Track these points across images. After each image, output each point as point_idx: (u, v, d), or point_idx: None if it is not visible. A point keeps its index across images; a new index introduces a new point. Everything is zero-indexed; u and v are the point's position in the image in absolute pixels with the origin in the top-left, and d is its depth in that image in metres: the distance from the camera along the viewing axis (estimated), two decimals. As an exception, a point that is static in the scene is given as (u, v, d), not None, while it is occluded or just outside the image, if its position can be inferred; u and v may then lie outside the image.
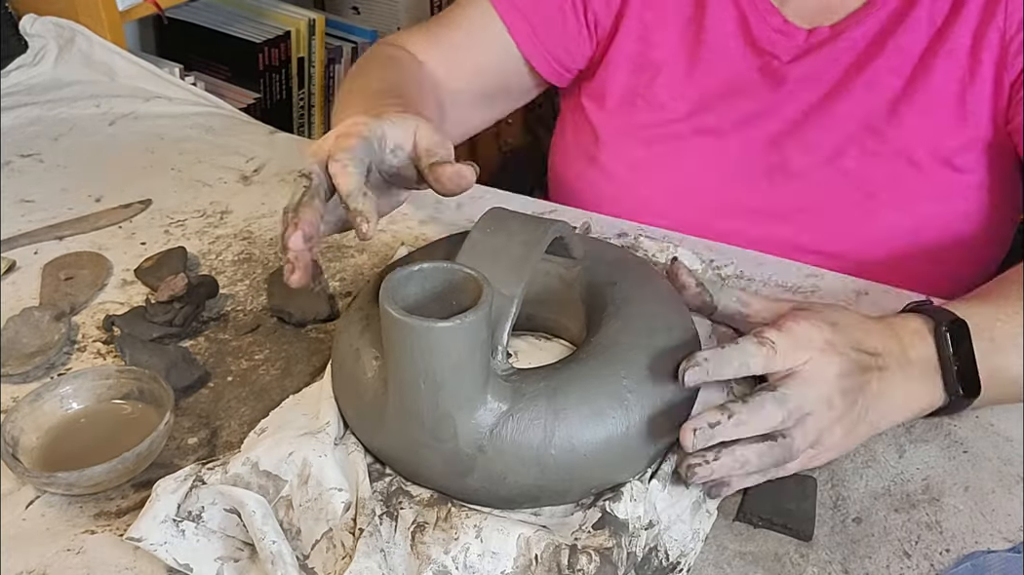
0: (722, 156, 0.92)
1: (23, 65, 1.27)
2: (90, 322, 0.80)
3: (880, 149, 0.86)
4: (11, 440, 0.64)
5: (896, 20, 0.85)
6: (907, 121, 0.85)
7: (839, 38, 0.87)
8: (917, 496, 0.62)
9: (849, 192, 0.88)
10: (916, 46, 0.85)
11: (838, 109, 0.87)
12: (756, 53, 0.90)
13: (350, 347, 0.62)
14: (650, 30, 0.93)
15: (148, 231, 0.93)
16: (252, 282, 0.84)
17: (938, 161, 0.86)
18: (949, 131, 0.85)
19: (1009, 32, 0.81)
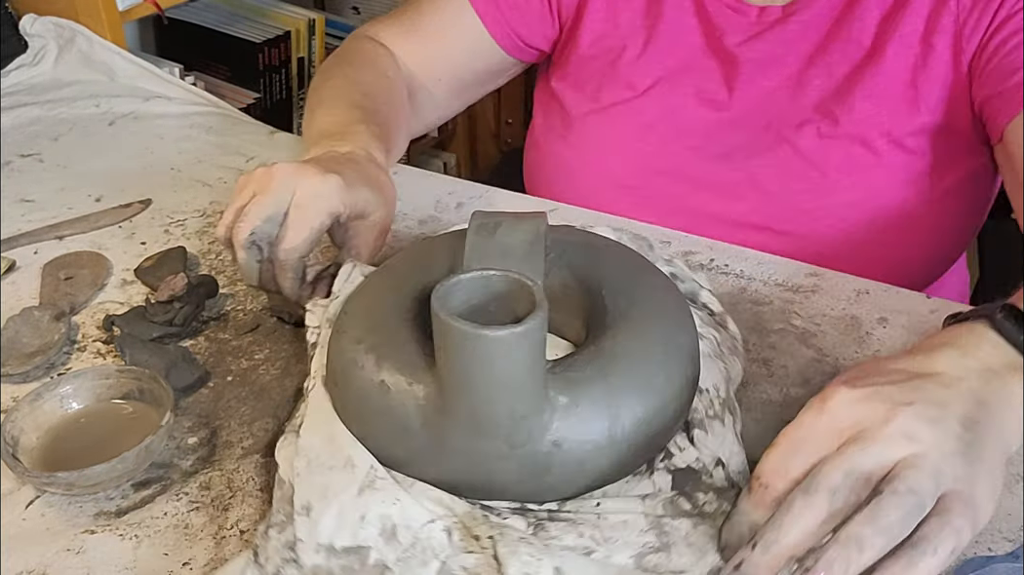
0: (683, 133, 0.93)
1: (23, 65, 1.27)
2: (90, 322, 0.80)
3: (834, 131, 0.87)
4: (11, 440, 0.64)
5: (847, 5, 0.86)
6: (859, 105, 0.86)
7: (790, 20, 0.88)
8: (917, 496, 0.62)
9: (804, 171, 0.89)
10: (867, 32, 0.86)
11: (793, 93, 0.89)
12: (709, 29, 0.92)
13: (372, 382, 0.58)
14: (615, 10, 0.96)
15: (148, 231, 0.93)
16: (252, 282, 0.84)
17: (891, 144, 0.86)
18: (901, 116, 0.86)
19: (962, 16, 0.82)
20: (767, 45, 0.89)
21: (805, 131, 0.88)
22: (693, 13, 0.93)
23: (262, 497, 0.63)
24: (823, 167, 0.88)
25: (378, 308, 0.62)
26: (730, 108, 0.91)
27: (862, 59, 0.86)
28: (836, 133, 0.87)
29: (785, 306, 0.79)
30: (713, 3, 0.91)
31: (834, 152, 0.87)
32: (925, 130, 0.86)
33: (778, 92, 0.89)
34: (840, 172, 0.87)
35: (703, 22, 0.92)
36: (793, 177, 0.89)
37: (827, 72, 0.87)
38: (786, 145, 0.89)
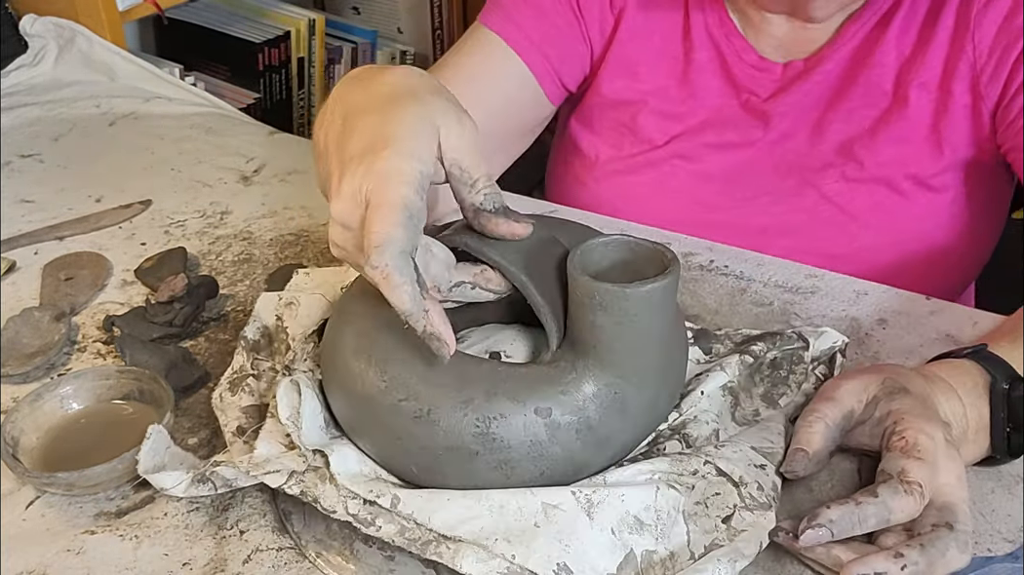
0: (707, 183, 0.92)
1: (23, 65, 1.27)
2: (90, 322, 0.80)
3: (859, 174, 0.87)
4: (11, 440, 0.64)
5: (865, 53, 0.86)
6: (883, 149, 0.86)
7: (813, 72, 0.88)
8: (917, 496, 0.62)
9: (832, 215, 0.88)
10: (887, 79, 0.86)
11: (817, 140, 0.88)
12: (736, 90, 0.91)
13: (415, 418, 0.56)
14: (636, 64, 0.93)
15: (148, 231, 0.93)
16: (252, 282, 0.84)
17: (916, 185, 0.87)
18: (925, 158, 0.86)
19: (979, 62, 0.82)
20: (793, 98, 0.89)
21: (829, 175, 0.88)
22: (719, 74, 0.91)
23: (262, 497, 0.63)
24: (850, 210, 0.88)
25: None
26: (753, 161, 0.91)
27: (886, 104, 0.86)
28: (862, 176, 0.87)
29: (785, 307, 0.79)
30: (737, 64, 0.90)
31: (860, 195, 0.87)
32: (949, 168, 0.86)
33: (797, 138, 0.89)
34: (867, 215, 0.87)
35: (729, 82, 0.91)
36: (821, 222, 0.89)
37: (847, 117, 0.87)
38: (811, 189, 0.89)
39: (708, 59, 0.91)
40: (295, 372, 0.63)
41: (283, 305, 0.72)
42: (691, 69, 0.92)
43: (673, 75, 0.92)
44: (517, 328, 0.67)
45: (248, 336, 0.71)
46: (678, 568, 0.54)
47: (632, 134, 0.94)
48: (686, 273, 0.84)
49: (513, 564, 0.52)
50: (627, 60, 0.93)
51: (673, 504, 0.56)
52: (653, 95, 0.93)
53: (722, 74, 0.91)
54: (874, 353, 0.74)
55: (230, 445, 0.63)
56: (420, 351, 0.56)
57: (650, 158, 0.93)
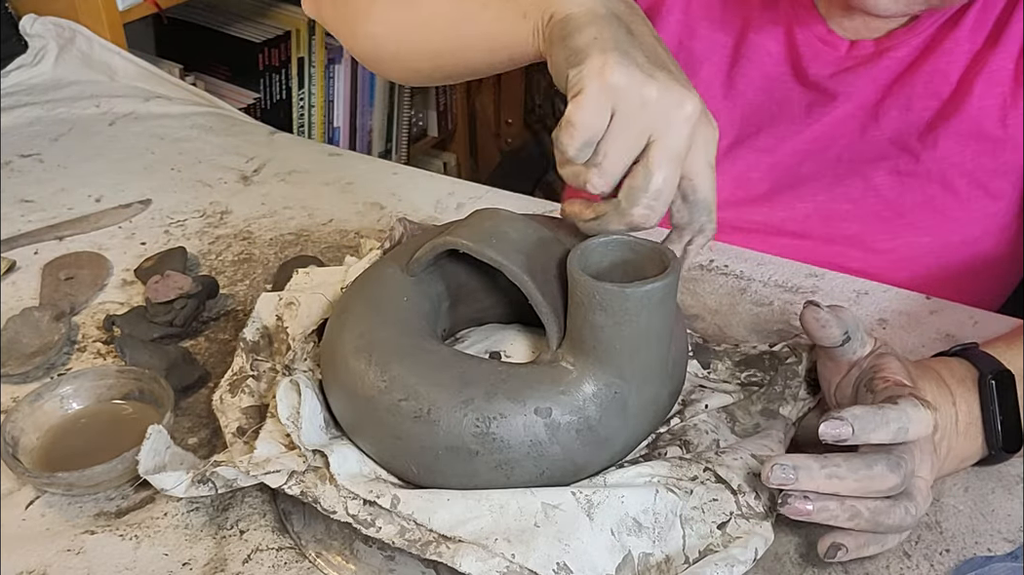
0: (752, 160, 0.90)
1: (23, 65, 1.27)
2: (90, 322, 0.80)
3: (914, 169, 0.84)
4: (11, 440, 0.64)
5: (937, 41, 0.82)
6: (943, 143, 0.83)
7: (883, 56, 0.84)
8: (917, 496, 0.62)
9: (879, 209, 0.86)
10: (954, 68, 0.82)
11: (873, 127, 0.85)
12: (795, 61, 0.87)
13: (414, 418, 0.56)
14: (695, 20, 0.89)
15: (148, 231, 0.93)
16: (252, 282, 0.84)
17: (972, 185, 0.84)
18: (986, 156, 0.82)
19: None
20: (860, 80, 0.85)
21: (881, 166, 0.85)
22: (780, 40, 0.87)
23: (262, 497, 0.63)
24: (898, 206, 0.85)
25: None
26: (803, 143, 0.88)
27: (948, 95, 0.82)
28: (915, 170, 0.84)
29: (785, 306, 0.79)
30: (803, 33, 0.85)
31: (911, 191, 0.84)
32: (1006, 169, 0.83)
33: (853, 123, 0.86)
34: (915, 212, 0.85)
35: (790, 50, 0.87)
36: (865, 214, 0.86)
37: (906, 105, 0.83)
38: (859, 180, 0.86)
39: (774, 24, 0.86)
40: (295, 372, 0.62)
41: (283, 305, 0.71)
42: (751, 34, 0.87)
43: (733, 36, 0.88)
44: (517, 328, 0.66)
45: (247, 337, 0.71)
46: (673, 572, 0.54)
47: None
48: (686, 273, 0.84)
49: (513, 563, 0.52)
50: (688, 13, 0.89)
51: (671, 508, 0.56)
52: (708, 53, 0.89)
53: (786, 43, 0.86)
54: (874, 353, 0.74)
55: (230, 446, 0.63)
56: (420, 350, 0.56)
57: None
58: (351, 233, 0.90)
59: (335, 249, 0.88)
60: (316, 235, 0.90)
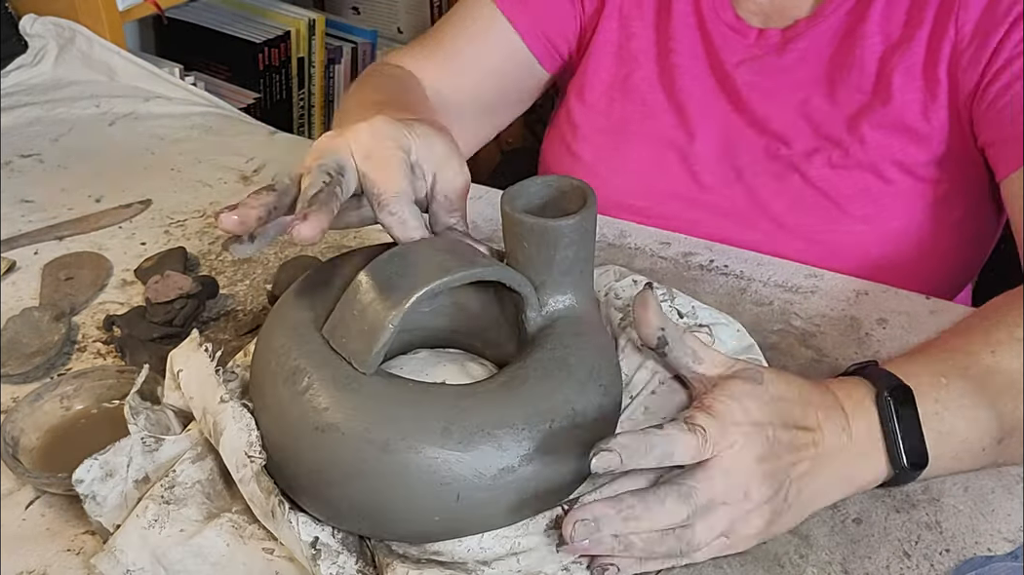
0: (692, 156, 0.91)
1: (23, 65, 1.27)
2: (90, 322, 0.80)
3: (845, 161, 0.85)
4: (11, 440, 0.64)
5: (848, 31, 0.84)
6: (869, 135, 0.84)
7: (789, 45, 0.86)
8: (917, 496, 0.62)
9: (817, 201, 0.87)
10: (871, 61, 0.83)
11: (802, 123, 0.87)
12: (708, 49, 0.90)
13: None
14: (629, 20, 0.93)
15: (148, 231, 0.93)
16: (252, 282, 0.84)
17: (903, 172, 0.85)
18: (911, 146, 0.84)
19: (960, 45, 0.80)
20: (766, 70, 0.87)
21: (815, 160, 0.86)
22: (696, 28, 0.90)
23: (262, 497, 0.63)
24: (835, 197, 0.86)
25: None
26: (737, 134, 0.89)
27: (870, 89, 0.84)
28: (847, 163, 0.85)
29: (785, 307, 0.79)
30: (713, 20, 0.89)
31: (846, 181, 0.85)
32: (939, 158, 0.84)
33: (784, 120, 0.87)
34: (853, 202, 0.85)
35: (704, 39, 0.90)
36: (806, 208, 0.87)
37: (832, 101, 0.85)
38: (796, 174, 0.87)
39: (686, 12, 0.90)
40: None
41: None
42: (673, 22, 0.90)
43: (659, 29, 0.92)
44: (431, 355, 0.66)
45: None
46: None
47: (623, 96, 0.93)
48: (686, 273, 0.84)
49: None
50: (622, 16, 0.93)
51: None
52: (643, 52, 0.92)
53: (698, 29, 0.90)
54: (874, 352, 0.74)
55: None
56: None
57: (638, 128, 0.93)
58: (351, 233, 0.90)
59: (335, 249, 0.88)
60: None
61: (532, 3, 0.94)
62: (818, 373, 0.72)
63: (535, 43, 0.96)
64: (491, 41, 0.95)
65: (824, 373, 0.72)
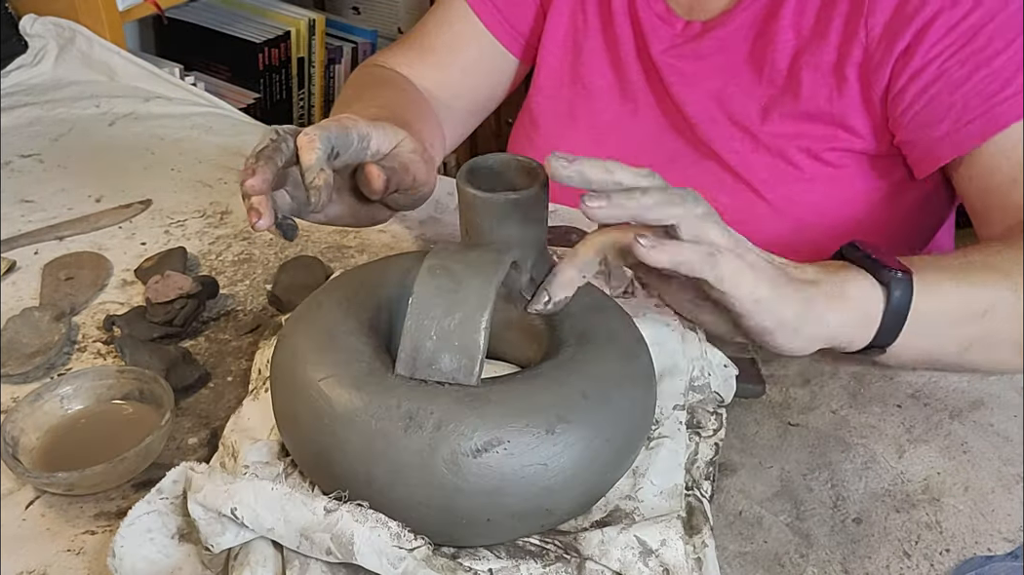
0: (628, 140, 0.95)
1: (23, 65, 1.27)
2: (90, 322, 0.80)
3: (755, 147, 0.88)
4: (11, 440, 0.64)
5: (763, 26, 0.86)
6: (778, 125, 0.87)
7: (706, 37, 0.89)
8: (917, 496, 0.62)
9: (735, 185, 0.89)
10: (783, 58, 0.86)
11: (716, 111, 0.89)
12: (638, 36, 0.93)
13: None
14: (576, 8, 0.97)
15: (148, 231, 0.93)
16: (252, 282, 0.84)
17: (811, 158, 0.87)
18: (819, 137, 0.86)
19: (871, 47, 0.81)
20: (687, 59, 0.90)
21: (729, 145, 0.89)
22: (628, 16, 0.94)
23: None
24: (750, 180, 0.88)
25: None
26: (662, 120, 0.93)
27: (780, 83, 0.86)
28: (756, 147, 0.88)
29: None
30: (645, 11, 0.93)
31: (758, 166, 0.88)
32: (853, 156, 0.86)
33: (701, 107, 0.90)
34: (767, 186, 0.88)
35: (635, 27, 0.94)
36: (726, 190, 0.89)
37: (746, 92, 0.88)
38: (713, 160, 0.90)
39: (623, 1, 0.94)
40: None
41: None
42: (612, 12, 0.95)
43: (601, 16, 0.96)
44: None
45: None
46: None
47: (572, 82, 0.97)
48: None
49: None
50: (568, 7, 0.97)
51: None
52: (588, 39, 0.97)
53: (630, 18, 0.94)
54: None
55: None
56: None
57: (584, 111, 0.96)
58: (351, 233, 0.90)
59: (335, 249, 0.88)
60: (316, 235, 0.90)
61: (502, 1, 0.99)
62: (818, 373, 0.72)
63: (501, 32, 1.00)
64: (464, 35, 1.00)
65: (824, 373, 0.72)
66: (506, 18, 1.00)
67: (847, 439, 0.67)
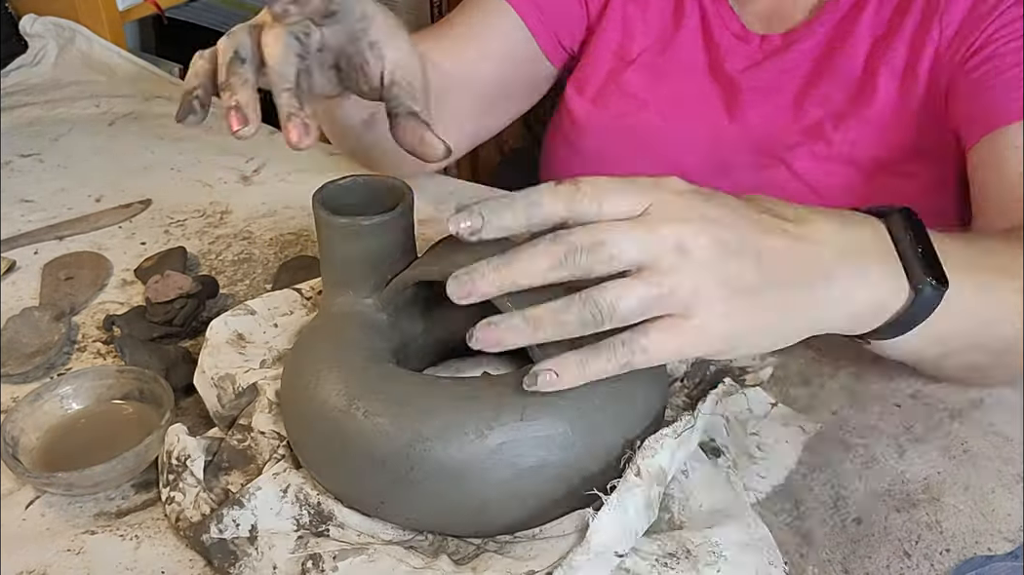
0: (682, 151, 0.93)
1: (23, 65, 1.27)
2: (90, 322, 0.80)
3: (828, 153, 0.87)
4: (11, 440, 0.64)
5: (842, 33, 0.87)
6: (852, 130, 0.86)
7: (789, 49, 0.89)
8: (917, 496, 0.62)
9: (802, 193, 0.88)
10: (858, 60, 0.86)
11: (791, 119, 0.89)
12: (715, 58, 0.93)
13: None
14: (631, 23, 0.96)
15: (148, 231, 0.93)
16: (252, 282, 0.84)
17: (881, 168, 0.86)
18: (892, 143, 0.85)
19: (942, 46, 0.82)
20: (767, 73, 0.90)
21: (799, 152, 0.88)
22: (700, 35, 0.93)
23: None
24: (819, 189, 0.88)
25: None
26: (728, 131, 0.92)
27: (855, 86, 0.86)
28: (829, 154, 0.87)
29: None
30: (719, 29, 0.92)
31: (829, 174, 0.87)
32: (919, 155, 0.86)
33: (775, 117, 0.90)
34: (836, 195, 0.87)
35: (708, 45, 0.93)
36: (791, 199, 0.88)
37: (821, 99, 0.88)
38: (782, 167, 0.89)
39: (695, 23, 0.93)
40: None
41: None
42: (679, 32, 0.94)
43: (663, 37, 0.95)
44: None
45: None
46: None
47: (619, 90, 0.96)
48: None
49: None
50: (624, 20, 0.96)
51: None
52: (643, 54, 0.95)
53: (704, 40, 0.93)
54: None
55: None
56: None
57: (633, 120, 0.95)
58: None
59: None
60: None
61: (543, 3, 0.96)
62: (818, 373, 0.72)
63: (545, 38, 0.97)
64: (499, 28, 0.96)
65: (824, 373, 0.72)
66: (546, 17, 0.97)
67: (847, 439, 0.67)
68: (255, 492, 0.57)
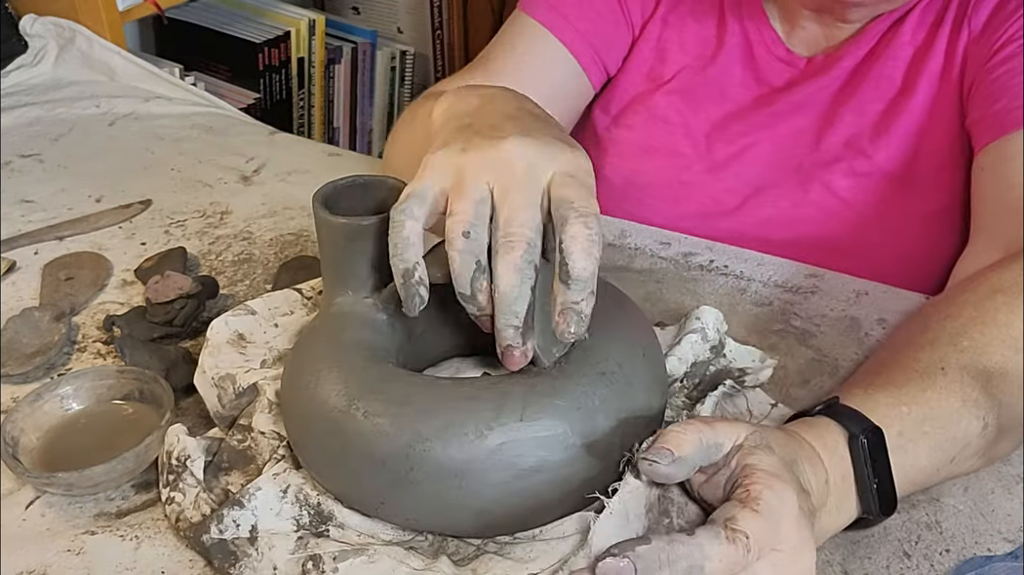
0: (714, 171, 0.93)
1: (23, 65, 1.27)
2: (90, 322, 0.80)
3: (868, 168, 0.87)
4: (11, 440, 0.64)
5: (883, 47, 0.86)
6: (891, 141, 0.86)
7: (831, 67, 0.88)
8: (917, 496, 0.62)
9: (838, 209, 0.88)
10: (899, 69, 0.86)
11: (827, 134, 0.89)
12: (757, 82, 0.92)
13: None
14: (665, 46, 0.95)
15: (148, 231, 0.93)
16: (252, 282, 0.84)
17: (924, 182, 0.86)
18: (932, 151, 0.85)
19: (970, 47, 0.82)
20: (808, 91, 0.89)
21: (837, 169, 0.88)
22: (740, 61, 0.92)
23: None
24: (855, 205, 0.87)
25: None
26: (761, 149, 0.91)
27: (893, 94, 0.86)
28: (870, 170, 0.87)
29: (785, 307, 0.79)
30: (763, 54, 0.91)
31: (867, 190, 0.87)
32: (958, 164, 0.85)
33: (807, 132, 0.89)
34: (872, 210, 0.87)
35: (750, 70, 0.92)
36: (826, 215, 0.88)
37: (858, 110, 0.87)
38: (818, 183, 0.88)
39: (737, 46, 0.92)
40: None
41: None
42: (720, 55, 0.92)
43: (701, 59, 0.93)
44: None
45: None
46: None
47: (647, 111, 0.94)
48: (686, 273, 0.84)
49: None
50: (659, 43, 0.95)
51: None
52: (676, 77, 0.94)
53: (746, 63, 0.92)
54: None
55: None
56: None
57: (662, 142, 0.94)
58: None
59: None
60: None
61: (587, 30, 0.93)
62: (818, 373, 0.72)
63: (595, 72, 0.94)
64: (550, 67, 0.92)
65: (824, 373, 0.72)
66: (590, 41, 0.93)
67: (847, 439, 0.66)
68: (255, 492, 0.57)
